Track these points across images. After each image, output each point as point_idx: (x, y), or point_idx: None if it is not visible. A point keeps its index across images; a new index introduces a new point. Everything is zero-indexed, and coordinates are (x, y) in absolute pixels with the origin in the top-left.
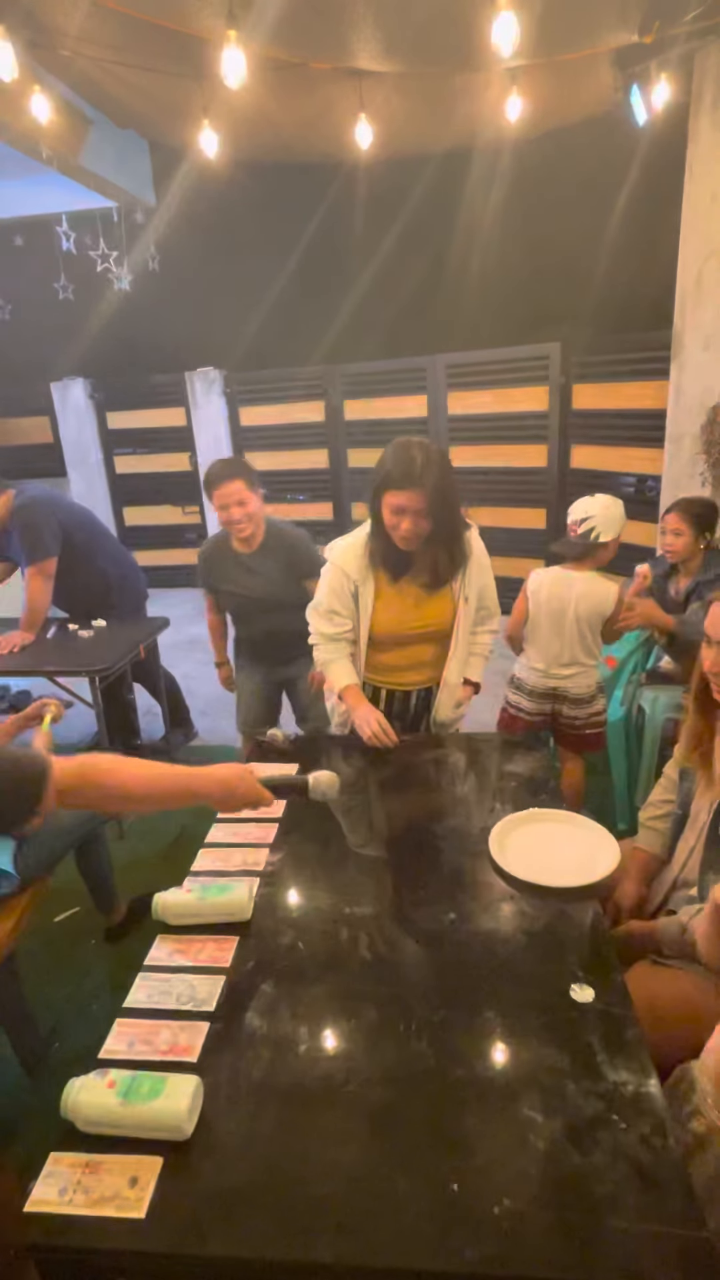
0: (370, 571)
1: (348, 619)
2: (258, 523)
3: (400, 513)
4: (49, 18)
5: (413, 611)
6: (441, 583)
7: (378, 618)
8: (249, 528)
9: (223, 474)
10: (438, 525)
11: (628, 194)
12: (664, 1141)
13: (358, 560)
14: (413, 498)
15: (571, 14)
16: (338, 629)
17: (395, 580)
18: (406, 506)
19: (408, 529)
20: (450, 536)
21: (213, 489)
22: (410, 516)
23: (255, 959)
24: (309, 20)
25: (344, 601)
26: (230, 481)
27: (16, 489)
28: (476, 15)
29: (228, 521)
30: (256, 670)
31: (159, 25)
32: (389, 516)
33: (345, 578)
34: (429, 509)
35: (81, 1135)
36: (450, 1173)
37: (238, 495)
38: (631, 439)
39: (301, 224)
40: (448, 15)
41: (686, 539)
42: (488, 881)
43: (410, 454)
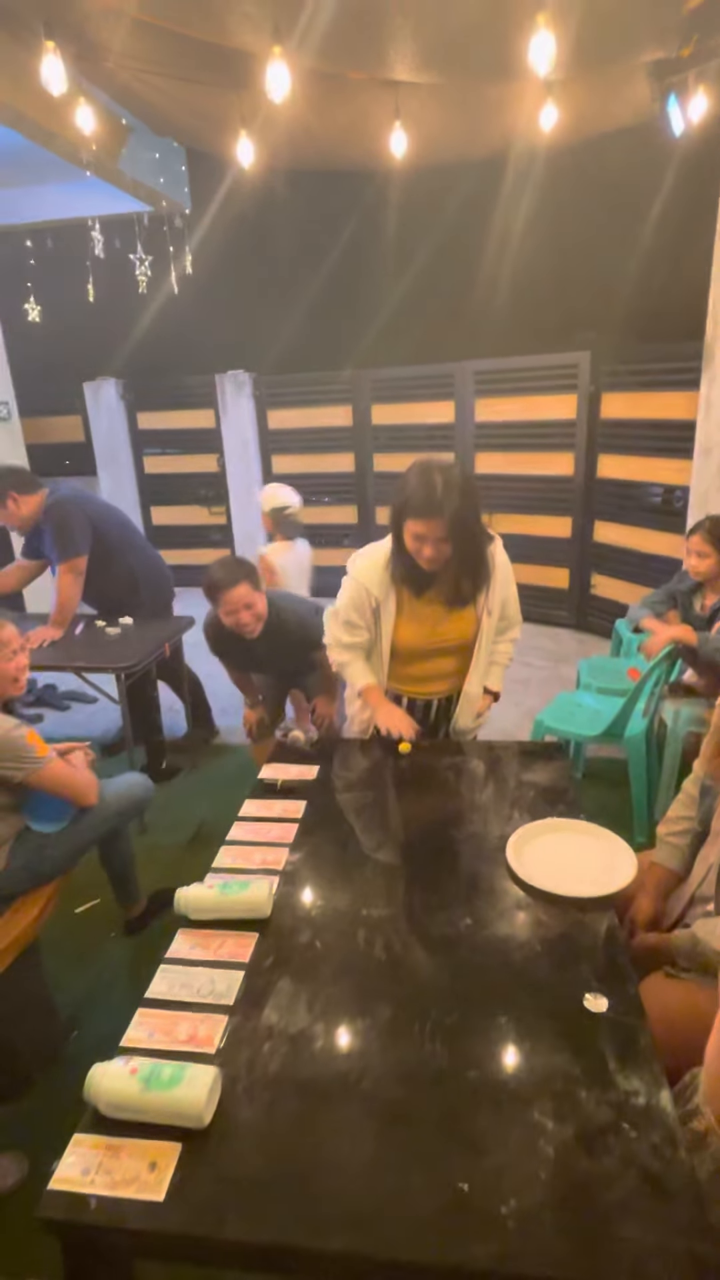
0: (392, 588)
1: (365, 630)
2: (263, 617)
3: (421, 539)
4: (95, 34)
5: (435, 627)
6: (464, 603)
7: (400, 633)
8: (257, 626)
9: (227, 580)
10: (459, 549)
11: (660, 203)
12: (674, 1151)
13: (379, 576)
14: (433, 526)
15: (608, 28)
16: (354, 638)
17: (418, 597)
18: (427, 534)
19: (430, 554)
20: (473, 560)
21: (219, 594)
22: (431, 543)
23: (274, 955)
24: (349, 33)
25: (363, 615)
26: (236, 587)
27: (50, 487)
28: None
29: (236, 625)
30: (267, 677)
31: (200, 39)
32: (410, 542)
33: (367, 593)
34: (450, 534)
35: (103, 1119)
36: (461, 1172)
37: (245, 599)
38: (660, 449)
39: (334, 230)
40: (484, 27)
41: (711, 561)
42: (504, 888)
43: (431, 479)
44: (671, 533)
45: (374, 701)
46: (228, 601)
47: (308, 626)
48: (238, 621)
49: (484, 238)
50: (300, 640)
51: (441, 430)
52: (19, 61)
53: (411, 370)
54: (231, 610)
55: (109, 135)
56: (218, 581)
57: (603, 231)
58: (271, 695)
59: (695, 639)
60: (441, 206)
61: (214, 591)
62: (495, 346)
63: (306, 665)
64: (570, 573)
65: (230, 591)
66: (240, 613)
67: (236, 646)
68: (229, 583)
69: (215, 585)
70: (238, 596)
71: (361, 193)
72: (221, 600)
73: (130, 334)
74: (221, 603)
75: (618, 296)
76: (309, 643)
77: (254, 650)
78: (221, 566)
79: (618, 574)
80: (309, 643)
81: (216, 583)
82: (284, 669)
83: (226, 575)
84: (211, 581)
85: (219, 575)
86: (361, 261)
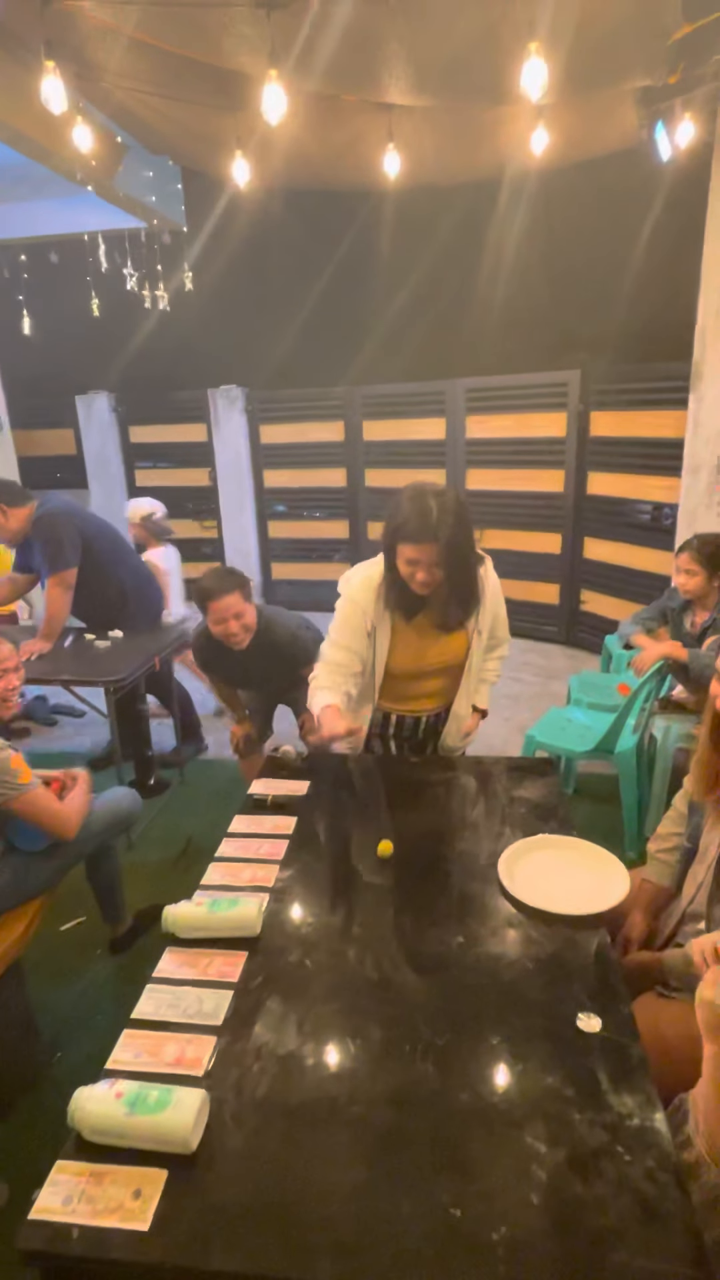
0: (386, 611)
1: (358, 654)
2: (252, 629)
3: (414, 564)
4: (94, 54)
5: (427, 649)
6: (454, 627)
7: (394, 656)
8: (245, 638)
9: (219, 588)
10: (451, 574)
11: (650, 227)
12: (668, 1176)
13: (373, 599)
14: (426, 551)
15: (599, 54)
16: (345, 661)
17: (409, 621)
18: (420, 559)
19: (422, 578)
20: (464, 586)
21: (209, 602)
22: (424, 568)
23: (263, 975)
24: (345, 56)
25: (358, 637)
26: (227, 595)
27: (39, 500)
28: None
29: (225, 634)
30: (255, 692)
31: (197, 60)
32: (403, 566)
33: (362, 615)
34: (443, 559)
35: (87, 1144)
36: (452, 1197)
37: (235, 608)
38: (648, 467)
39: (328, 248)
40: (477, 53)
41: (700, 579)
42: (496, 906)
43: (425, 504)
44: (660, 549)
45: (326, 718)
46: (217, 610)
47: (298, 641)
48: (226, 631)
49: (476, 257)
50: (290, 655)
51: (433, 446)
52: (18, 80)
53: (403, 387)
54: (220, 619)
55: (105, 153)
56: (208, 590)
57: (593, 253)
58: (259, 710)
59: (686, 655)
60: (435, 226)
61: (204, 600)
62: (486, 365)
63: (294, 681)
64: (560, 588)
65: (222, 599)
66: (229, 622)
67: (224, 659)
68: (219, 591)
69: (205, 594)
70: (229, 604)
71: (356, 212)
72: (211, 609)
73: (123, 348)
74: (211, 611)
75: (608, 317)
76: (298, 658)
77: (242, 663)
78: (213, 576)
79: (607, 590)
80: (298, 658)
81: (207, 591)
82: (272, 684)
83: (217, 584)
84: (202, 590)
85: (209, 584)
86: (354, 279)
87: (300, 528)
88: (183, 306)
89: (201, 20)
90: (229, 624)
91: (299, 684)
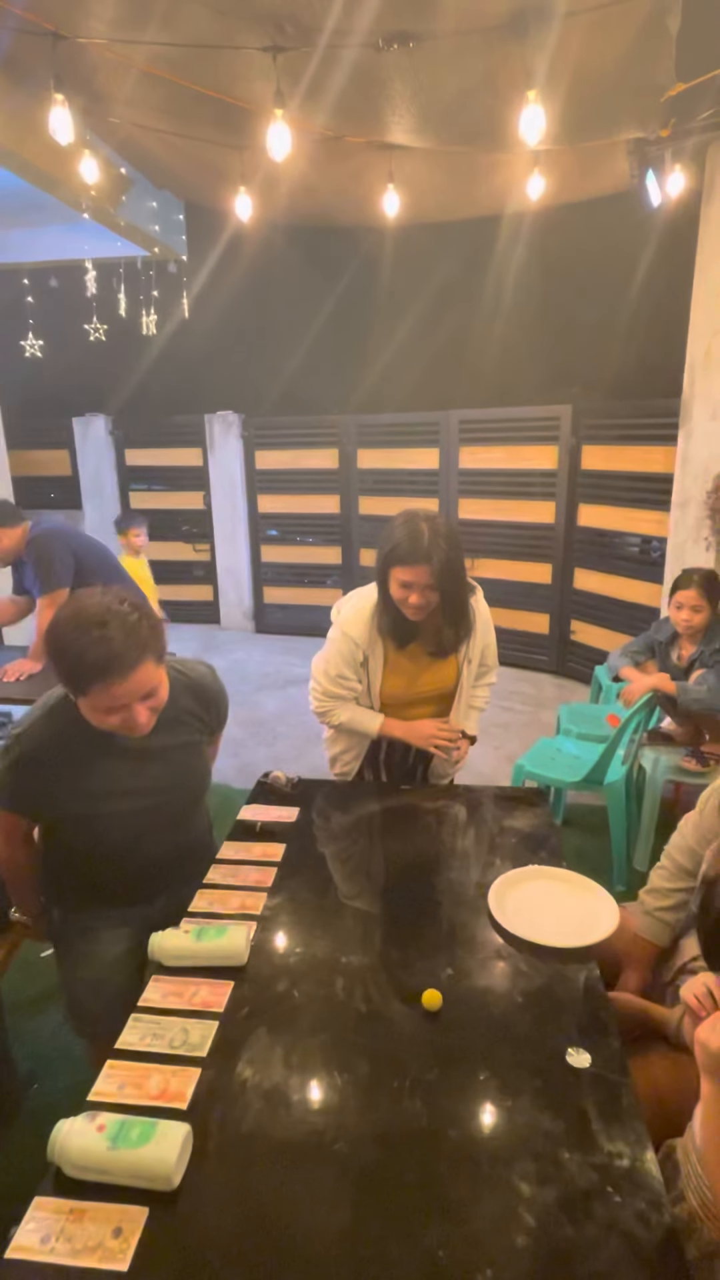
0: (378, 639)
1: (357, 682)
2: (162, 704)
3: (408, 587)
4: (103, 86)
5: (419, 677)
6: (446, 654)
7: (386, 684)
8: (153, 720)
9: (125, 661)
10: (445, 598)
11: (642, 268)
12: (659, 1217)
13: (366, 628)
14: (420, 573)
15: (593, 106)
16: (345, 691)
17: (401, 649)
18: (414, 582)
19: (416, 602)
20: (456, 610)
21: (101, 683)
22: (418, 591)
23: (249, 1006)
24: (350, 98)
25: (353, 668)
26: (137, 669)
27: (33, 520)
28: (502, 101)
29: (128, 726)
30: (112, 928)
31: (203, 94)
32: (397, 590)
33: (355, 646)
34: (437, 583)
35: (66, 1180)
36: (439, 1239)
37: (149, 683)
38: (638, 501)
39: (327, 280)
40: (476, 99)
41: (705, 614)
42: (485, 938)
43: (418, 528)
44: (649, 582)
45: (400, 731)
46: (116, 694)
47: (210, 688)
48: (132, 721)
49: (472, 293)
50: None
51: (426, 475)
52: (28, 111)
53: (398, 417)
54: (115, 706)
55: (110, 183)
56: (104, 659)
57: (586, 292)
58: (125, 963)
59: (674, 688)
60: (432, 261)
61: (86, 678)
62: (480, 397)
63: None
64: (550, 618)
65: (133, 674)
66: (136, 707)
67: (92, 776)
68: (130, 663)
69: (100, 666)
70: (141, 681)
71: (355, 245)
72: (111, 691)
73: (122, 373)
74: (107, 696)
75: (600, 354)
76: (221, 711)
77: (133, 769)
78: (94, 636)
79: (597, 621)
80: (221, 711)
81: (101, 662)
82: (180, 791)
83: (118, 656)
84: (92, 658)
85: (99, 658)
86: (351, 310)
87: (293, 553)
88: (182, 333)
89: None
90: (135, 709)
91: (172, 886)
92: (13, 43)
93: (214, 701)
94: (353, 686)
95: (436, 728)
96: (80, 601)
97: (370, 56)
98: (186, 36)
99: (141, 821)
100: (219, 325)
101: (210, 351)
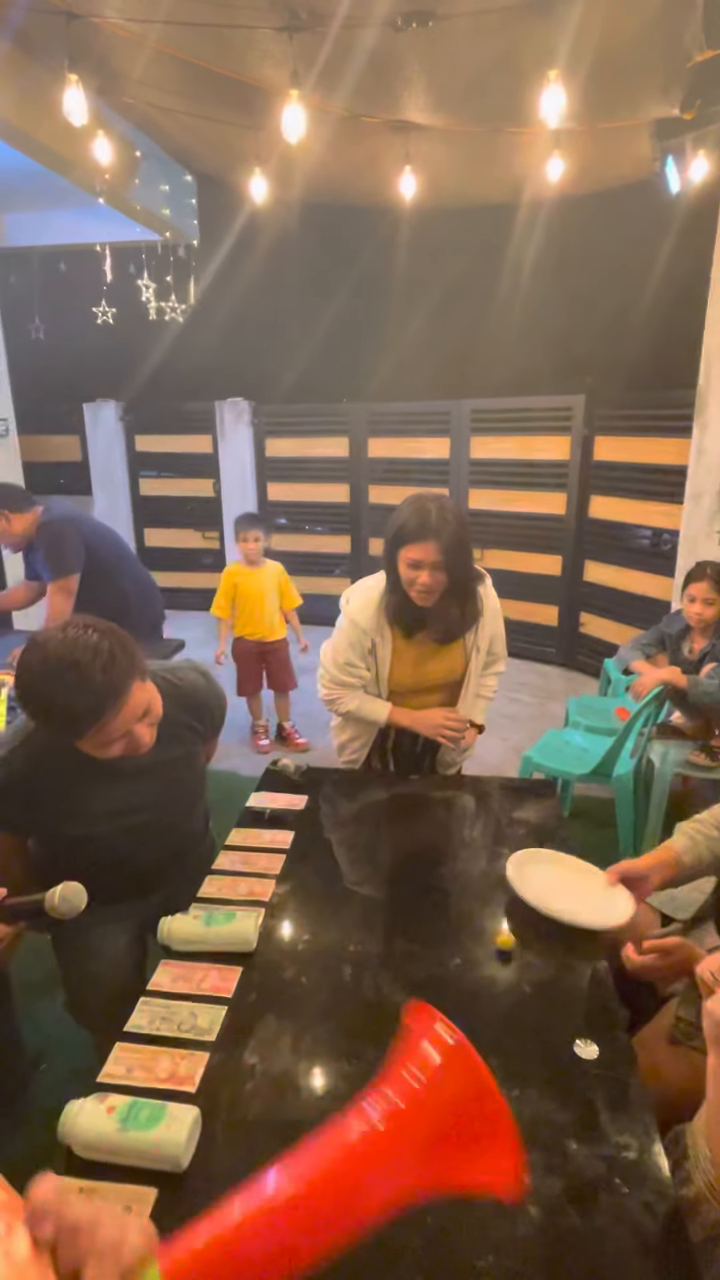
0: (387, 627)
1: (365, 670)
2: (158, 719)
3: (417, 566)
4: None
5: (426, 665)
6: (454, 638)
7: (394, 672)
8: (152, 736)
9: (111, 696)
10: (453, 579)
11: (660, 257)
12: (667, 1208)
13: (374, 616)
14: (429, 550)
15: (616, 84)
16: (354, 679)
17: (409, 637)
18: (424, 560)
19: (425, 582)
20: (464, 592)
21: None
22: (428, 570)
23: (258, 992)
24: (365, 76)
25: (361, 655)
26: (125, 698)
27: (44, 506)
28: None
29: (132, 749)
30: (109, 923)
31: (218, 74)
32: (406, 571)
33: (363, 633)
34: (445, 561)
35: (76, 1160)
36: (445, 1226)
37: (142, 705)
38: (650, 493)
39: (341, 265)
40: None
41: (718, 607)
42: (494, 928)
43: (426, 507)
44: (659, 575)
45: (407, 719)
46: (113, 727)
47: (202, 694)
48: (135, 743)
49: (487, 281)
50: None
51: (436, 465)
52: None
53: (409, 406)
54: (112, 738)
55: (122, 165)
56: (91, 703)
57: (602, 280)
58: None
59: (685, 682)
60: (448, 248)
61: (88, 719)
62: (492, 386)
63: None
64: (560, 610)
65: (122, 707)
66: (136, 729)
67: (82, 797)
68: (117, 692)
69: (89, 709)
70: (138, 704)
71: (370, 230)
72: (110, 723)
73: (133, 358)
74: (107, 728)
75: (615, 343)
76: (216, 716)
77: (129, 787)
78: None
79: (606, 613)
80: (216, 716)
81: (88, 706)
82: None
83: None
84: (78, 707)
85: (96, 686)
86: (364, 297)
87: (302, 541)
88: (193, 319)
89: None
90: (134, 735)
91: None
92: (26, 21)
93: (207, 709)
94: (361, 674)
95: (444, 717)
96: (42, 646)
97: (387, 36)
98: (201, 15)
99: (137, 835)
100: (230, 311)
101: (221, 338)
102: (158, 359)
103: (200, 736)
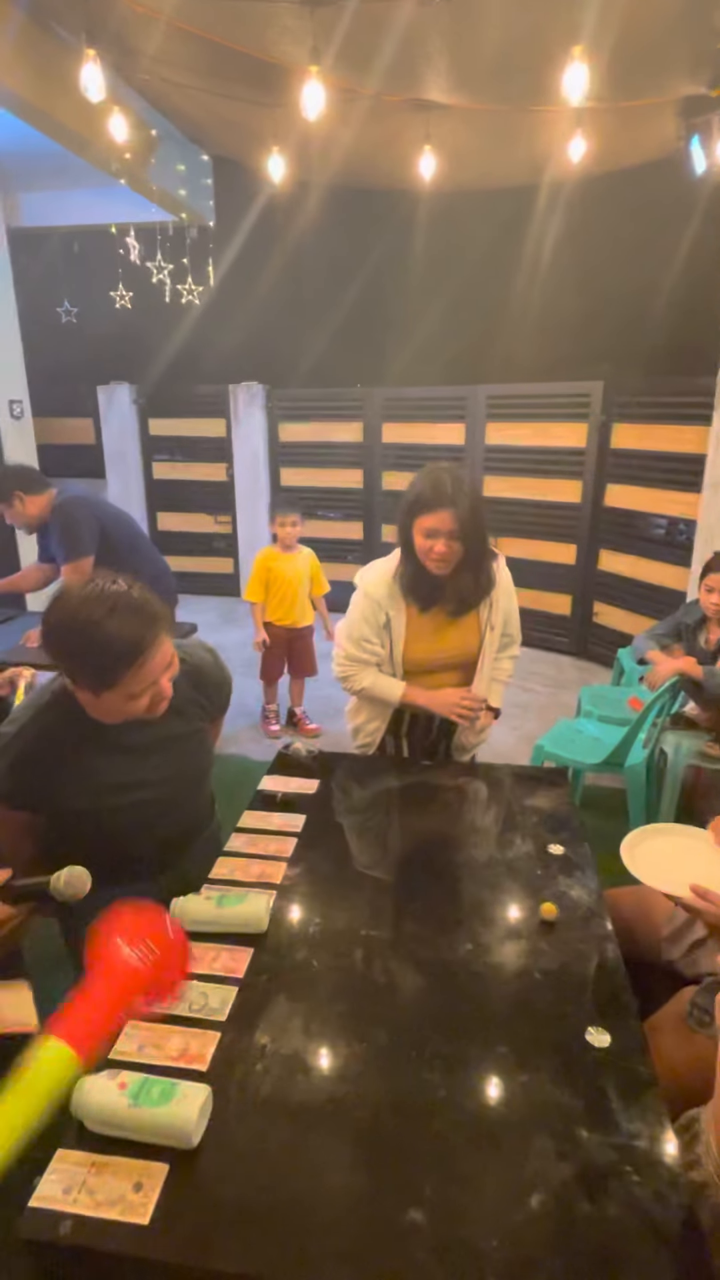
0: (401, 601)
1: (380, 645)
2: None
3: (433, 535)
4: (134, 40)
5: (441, 639)
6: (468, 608)
7: (409, 647)
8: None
9: (149, 636)
10: (468, 549)
11: (682, 240)
12: (678, 1197)
13: (389, 590)
14: (445, 518)
15: (642, 62)
16: (369, 655)
17: (424, 610)
18: (439, 528)
19: (441, 551)
20: (478, 561)
21: (130, 667)
22: (443, 538)
23: (269, 973)
24: (387, 53)
25: (376, 630)
26: (161, 641)
27: (58, 488)
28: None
29: (156, 702)
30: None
31: (236, 50)
32: (421, 541)
33: (378, 607)
34: (460, 530)
35: (88, 1134)
36: (457, 1209)
37: (170, 652)
38: (668, 481)
39: (358, 249)
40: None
41: None
42: (506, 915)
43: (441, 478)
44: (675, 565)
45: (423, 699)
46: (141, 677)
47: (210, 670)
48: (157, 697)
49: (504, 264)
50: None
51: (452, 451)
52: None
53: (424, 391)
54: (140, 689)
55: (139, 144)
56: (130, 642)
57: (624, 264)
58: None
59: (700, 673)
60: (465, 231)
61: (127, 659)
62: (510, 372)
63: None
64: (573, 599)
65: (153, 651)
66: (160, 684)
67: (92, 768)
68: (144, 640)
69: (129, 648)
70: (158, 662)
71: (388, 212)
72: (137, 671)
73: (147, 341)
74: (133, 679)
75: (634, 329)
76: (224, 695)
77: (138, 758)
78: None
79: (621, 603)
80: (224, 695)
81: (128, 645)
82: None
83: (135, 628)
84: (118, 647)
85: (135, 627)
86: (380, 280)
87: (314, 527)
88: (208, 301)
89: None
90: (160, 686)
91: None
92: None
93: (215, 687)
94: (375, 650)
95: (460, 696)
96: (71, 597)
97: (410, 12)
98: None
99: (145, 811)
100: (245, 294)
101: (236, 320)
102: (172, 342)
103: (207, 715)
